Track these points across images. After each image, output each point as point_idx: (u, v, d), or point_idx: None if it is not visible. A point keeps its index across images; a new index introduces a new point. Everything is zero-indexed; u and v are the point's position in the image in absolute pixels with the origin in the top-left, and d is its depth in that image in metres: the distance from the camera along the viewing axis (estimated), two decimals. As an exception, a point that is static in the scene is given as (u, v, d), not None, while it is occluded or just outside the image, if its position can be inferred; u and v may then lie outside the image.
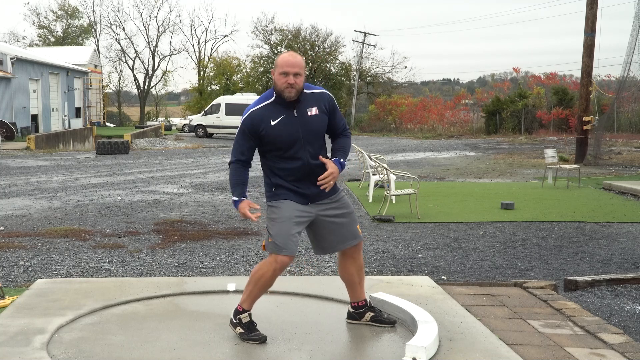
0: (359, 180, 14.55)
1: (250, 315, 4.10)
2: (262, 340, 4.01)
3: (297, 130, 3.97)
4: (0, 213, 10.58)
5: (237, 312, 4.12)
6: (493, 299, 5.61)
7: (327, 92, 4.15)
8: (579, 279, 6.24)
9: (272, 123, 3.96)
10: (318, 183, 3.98)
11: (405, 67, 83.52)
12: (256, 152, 4.11)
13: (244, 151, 4.04)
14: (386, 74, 59.73)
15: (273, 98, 4.01)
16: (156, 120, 64.58)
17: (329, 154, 4.11)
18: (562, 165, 15.46)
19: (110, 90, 68.76)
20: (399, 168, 18.16)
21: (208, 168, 19.36)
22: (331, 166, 3.99)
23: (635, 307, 5.58)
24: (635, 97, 32.33)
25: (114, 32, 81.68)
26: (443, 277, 6.60)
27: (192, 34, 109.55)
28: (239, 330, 4.08)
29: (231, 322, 4.15)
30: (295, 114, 3.98)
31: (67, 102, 45.84)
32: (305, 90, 4.03)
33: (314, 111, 4.03)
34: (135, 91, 72.43)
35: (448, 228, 9.37)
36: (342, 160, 4.08)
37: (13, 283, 6.27)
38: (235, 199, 4.04)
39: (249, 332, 4.05)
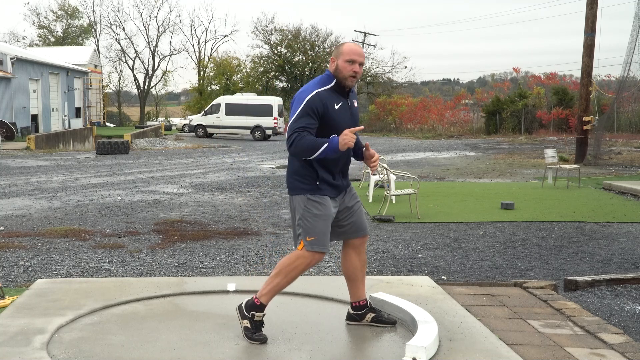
0: (359, 180, 14.55)
1: (264, 315, 4.06)
2: (263, 341, 4.00)
3: (349, 118, 4.03)
4: (0, 213, 10.58)
5: (254, 306, 4.04)
6: (493, 299, 5.61)
7: None
8: (579, 279, 6.24)
9: (336, 107, 3.96)
10: (371, 164, 4.08)
11: (405, 67, 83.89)
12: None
13: (307, 127, 3.83)
14: (386, 74, 59.90)
15: (332, 84, 3.99)
16: (156, 120, 64.61)
17: None
18: (562, 165, 15.47)
19: (110, 90, 68.82)
20: (399, 168, 18.16)
21: (208, 168, 19.36)
22: (374, 151, 4.12)
23: (635, 307, 5.58)
24: (635, 97, 32.35)
25: (114, 32, 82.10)
26: (443, 277, 6.60)
27: (192, 34, 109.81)
28: (246, 324, 4.03)
29: (240, 311, 4.08)
30: (348, 102, 4.06)
31: (67, 102, 45.85)
32: None
33: (356, 103, 4.16)
34: (135, 91, 72.57)
35: (448, 228, 9.37)
36: None
37: (13, 283, 6.27)
38: (327, 143, 3.80)
39: (254, 331, 4.01)
